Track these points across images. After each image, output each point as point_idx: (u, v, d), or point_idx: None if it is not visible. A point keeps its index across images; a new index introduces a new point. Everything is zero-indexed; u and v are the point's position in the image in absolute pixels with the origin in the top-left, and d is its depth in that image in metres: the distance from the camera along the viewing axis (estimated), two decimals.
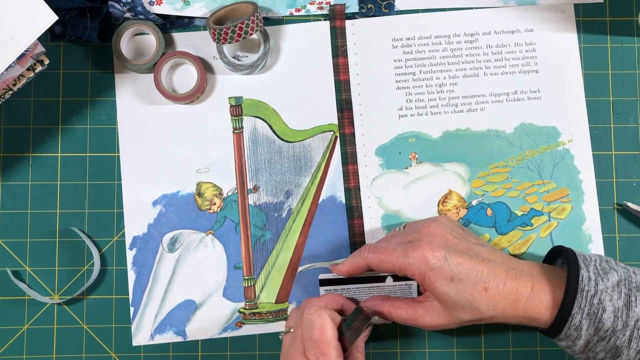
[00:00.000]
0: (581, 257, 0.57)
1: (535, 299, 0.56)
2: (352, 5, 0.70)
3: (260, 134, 0.69)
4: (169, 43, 0.69)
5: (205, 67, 0.68)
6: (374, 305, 0.62)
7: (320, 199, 0.68)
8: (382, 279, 0.63)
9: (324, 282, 0.64)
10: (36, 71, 0.64)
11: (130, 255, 0.67)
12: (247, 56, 0.69)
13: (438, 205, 0.68)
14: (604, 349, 0.55)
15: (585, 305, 0.54)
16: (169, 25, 0.69)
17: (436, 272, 0.56)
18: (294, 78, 0.69)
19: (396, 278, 0.63)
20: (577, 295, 0.54)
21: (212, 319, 0.67)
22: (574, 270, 0.55)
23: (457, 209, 0.68)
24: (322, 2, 0.70)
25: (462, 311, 0.57)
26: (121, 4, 0.67)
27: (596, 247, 0.68)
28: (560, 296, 0.55)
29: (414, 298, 0.62)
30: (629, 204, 0.67)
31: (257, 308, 0.67)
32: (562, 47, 0.70)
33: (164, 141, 0.68)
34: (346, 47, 0.69)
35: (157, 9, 0.69)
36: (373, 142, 0.69)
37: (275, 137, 0.69)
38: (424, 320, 0.59)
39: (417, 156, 0.68)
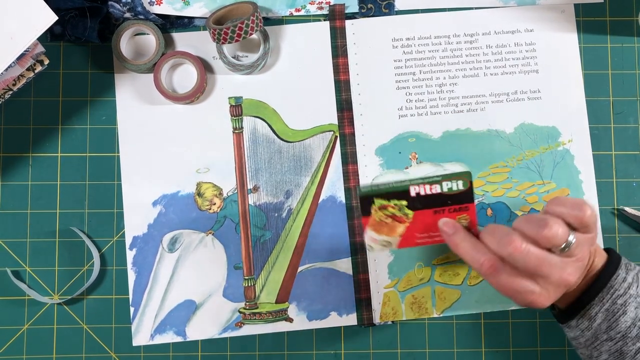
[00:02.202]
0: (624, 262, 0.57)
1: (593, 265, 0.56)
2: (352, 5, 0.70)
3: (260, 134, 0.69)
4: (168, 43, 0.69)
5: (205, 67, 0.68)
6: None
7: (320, 199, 0.68)
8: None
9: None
10: (36, 71, 0.64)
11: (130, 255, 0.67)
12: (246, 56, 0.69)
13: None
14: (609, 349, 0.55)
15: (607, 301, 0.54)
16: (168, 25, 0.69)
17: None
18: (293, 78, 0.69)
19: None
20: (603, 289, 0.54)
21: (212, 319, 0.67)
22: (612, 268, 0.56)
23: None
24: (322, 2, 0.70)
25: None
26: (121, 4, 0.67)
27: None
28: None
29: None
30: (627, 209, 0.67)
31: (257, 308, 0.67)
32: (562, 47, 0.70)
33: (164, 141, 0.68)
34: (346, 47, 0.69)
35: (157, 9, 0.69)
36: (373, 142, 0.69)
37: (275, 137, 0.69)
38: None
39: (417, 156, 0.68)
